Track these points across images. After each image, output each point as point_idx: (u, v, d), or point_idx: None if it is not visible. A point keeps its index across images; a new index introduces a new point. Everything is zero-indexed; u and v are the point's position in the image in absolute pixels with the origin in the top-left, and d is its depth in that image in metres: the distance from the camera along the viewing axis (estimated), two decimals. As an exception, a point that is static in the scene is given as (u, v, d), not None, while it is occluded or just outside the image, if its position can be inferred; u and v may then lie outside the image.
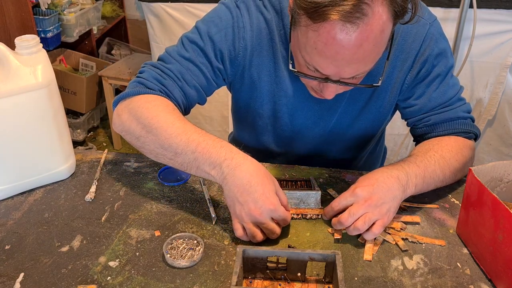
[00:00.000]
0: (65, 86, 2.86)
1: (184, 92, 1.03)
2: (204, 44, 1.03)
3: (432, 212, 0.99)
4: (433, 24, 1.03)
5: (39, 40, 0.96)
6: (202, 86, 1.05)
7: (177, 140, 0.90)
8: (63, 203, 1.01)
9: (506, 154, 2.33)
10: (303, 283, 0.82)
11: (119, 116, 0.99)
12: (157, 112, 0.94)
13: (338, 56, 0.81)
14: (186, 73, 1.02)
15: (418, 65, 1.04)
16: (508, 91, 2.19)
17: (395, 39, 1.01)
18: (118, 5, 3.43)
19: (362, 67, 0.86)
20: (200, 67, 1.03)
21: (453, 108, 1.07)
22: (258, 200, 0.84)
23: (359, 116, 1.12)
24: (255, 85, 1.09)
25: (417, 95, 1.07)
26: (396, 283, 0.82)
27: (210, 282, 0.82)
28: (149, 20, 2.30)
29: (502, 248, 0.78)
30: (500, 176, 0.91)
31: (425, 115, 1.08)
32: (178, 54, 1.04)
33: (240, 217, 0.86)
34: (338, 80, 0.88)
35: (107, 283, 0.81)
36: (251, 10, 1.03)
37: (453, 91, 1.07)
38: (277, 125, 1.16)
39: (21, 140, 0.98)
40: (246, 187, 0.84)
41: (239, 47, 1.04)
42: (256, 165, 0.88)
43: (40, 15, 2.52)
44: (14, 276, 0.83)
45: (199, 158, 0.88)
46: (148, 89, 0.99)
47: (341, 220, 0.88)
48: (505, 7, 1.99)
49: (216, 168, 0.87)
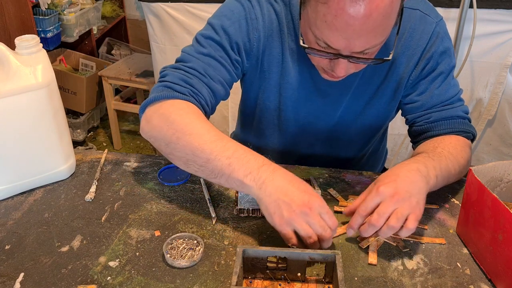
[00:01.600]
0: (65, 86, 2.86)
1: (211, 89, 1.01)
2: (220, 38, 1.02)
3: (432, 212, 0.99)
4: (439, 23, 1.05)
5: (39, 40, 0.96)
6: (226, 80, 1.04)
7: (212, 146, 0.87)
8: (63, 203, 1.01)
9: (506, 154, 2.33)
10: (303, 283, 0.82)
11: (149, 122, 0.96)
12: (190, 119, 0.92)
13: (348, 27, 0.81)
14: (209, 69, 1.01)
15: (424, 61, 1.05)
16: (508, 91, 2.19)
17: (403, 34, 1.02)
18: (118, 5, 3.43)
19: (373, 40, 0.85)
20: (221, 61, 1.02)
21: (454, 107, 1.08)
22: (305, 194, 0.81)
23: (363, 111, 1.12)
24: (264, 76, 1.09)
25: (420, 91, 1.08)
26: (396, 283, 0.82)
27: (210, 282, 0.82)
28: (149, 20, 2.30)
29: (502, 248, 0.78)
30: (500, 176, 0.91)
31: (426, 112, 1.09)
32: (197, 52, 1.02)
33: (290, 219, 0.80)
34: (349, 56, 0.87)
35: (107, 283, 0.81)
36: (262, 1, 1.04)
37: (454, 90, 1.08)
38: (282, 119, 1.16)
39: (21, 140, 0.98)
40: (289, 186, 0.81)
41: (254, 38, 1.04)
42: (291, 173, 0.85)
43: (40, 15, 2.52)
44: (14, 276, 0.83)
45: (234, 164, 0.84)
46: (176, 93, 0.96)
47: (372, 222, 0.82)
48: (505, 7, 1.99)
49: (253, 173, 0.83)
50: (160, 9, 2.24)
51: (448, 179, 0.97)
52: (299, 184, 0.82)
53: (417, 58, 1.05)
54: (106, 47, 3.37)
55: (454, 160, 0.97)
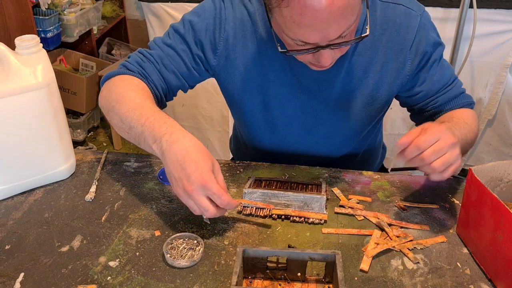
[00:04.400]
0: (65, 86, 2.86)
1: (163, 76, 1.09)
2: (185, 32, 1.08)
3: (432, 212, 0.99)
4: (423, 15, 1.07)
5: (39, 40, 0.96)
6: (182, 72, 1.10)
7: (131, 114, 0.93)
8: (63, 203, 1.01)
9: (506, 154, 2.33)
10: (303, 283, 0.82)
11: (100, 94, 1.06)
12: (125, 88, 1.01)
13: (316, 21, 0.83)
14: (165, 58, 1.08)
15: (418, 55, 1.07)
16: (508, 91, 2.19)
17: (386, 30, 1.04)
18: (118, 5, 3.43)
19: (344, 23, 0.85)
20: (180, 53, 1.08)
21: (454, 86, 1.14)
22: (190, 176, 0.82)
23: (349, 105, 1.12)
24: (243, 78, 1.11)
25: (421, 82, 1.11)
26: (396, 283, 0.82)
27: (210, 282, 0.82)
28: (149, 20, 2.31)
29: (502, 248, 0.78)
30: (500, 176, 0.91)
31: (431, 99, 1.14)
32: (162, 42, 1.10)
33: (178, 194, 0.85)
34: (328, 45, 0.89)
35: (107, 283, 0.81)
36: (235, 2, 1.07)
37: (449, 71, 1.14)
38: (270, 118, 1.16)
39: (21, 140, 0.98)
40: (181, 162, 0.83)
41: (220, 38, 1.07)
42: (194, 142, 0.86)
43: (40, 15, 2.52)
44: (14, 276, 0.83)
45: (145, 132, 0.90)
46: (128, 70, 1.07)
47: (424, 157, 0.85)
48: (505, 7, 2.00)
49: (157, 142, 0.87)
50: (160, 9, 2.24)
51: (468, 145, 1.05)
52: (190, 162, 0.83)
53: (406, 53, 1.06)
54: (106, 47, 3.37)
55: (469, 129, 1.04)
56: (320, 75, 1.06)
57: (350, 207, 0.99)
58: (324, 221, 0.95)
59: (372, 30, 1.03)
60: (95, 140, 3.06)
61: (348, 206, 0.99)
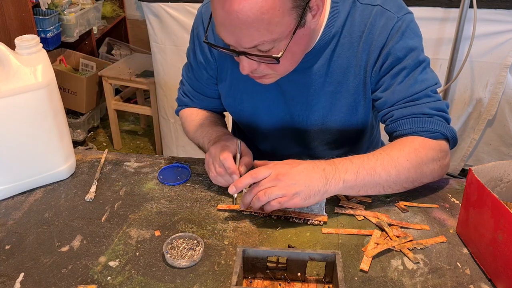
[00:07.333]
0: (65, 86, 2.86)
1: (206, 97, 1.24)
2: (191, 62, 1.20)
3: (432, 212, 0.99)
4: (402, 18, 1.01)
5: (39, 40, 0.97)
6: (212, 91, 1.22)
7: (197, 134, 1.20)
8: (63, 203, 1.01)
9: (506, 154, 2.33)
10: (303, 283, 0.82)
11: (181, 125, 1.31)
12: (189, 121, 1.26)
13: (226, 21, 0.85)
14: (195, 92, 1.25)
15: (382, 57, 1.02)
16: (508, 91, 2.19)
17: (363, 31, 1.01)
18: (118, 5, 3.43)
19: (257, 35, 0.86)
20: (201, 80, 1.20)
21: (418, 104, 1.01)
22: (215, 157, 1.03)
23: (331, 110, 1.11)
24: (231, 85, 1.15)
25: (383, 88, 1.05)
26: (396, 283, 0.82)
27: (210, 282, 0.82)
28: (149, 20, 2.30)
29: (502, 248, 0.78)
30: (500, 176, 0.91)
31: (389, 110, 1.05)
32: (186, 76, 1.26)
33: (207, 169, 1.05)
34: (243, 52, 0.90)
35: (107, 283, 0.81)
36: (206, 17, 1.11)
37: (420, 87, 1.01)
38: (259, 123, 1.18)
39: (21, 140, 0.98)
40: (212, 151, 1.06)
41: (207, 52, 1.14)
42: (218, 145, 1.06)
43: (40, 15, 2.52)
44: (14, 276, 0.83)
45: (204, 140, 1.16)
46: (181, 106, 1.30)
47: (252, 190, 0.93)
48: (505, 7, 1.99)
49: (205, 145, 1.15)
50: (160, 9, 2.23)
51: (378, 182, 0.95)
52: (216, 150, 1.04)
53: (376, 54, 1.02)
54: (106, 47, 3.37)
55: (389, 163, 0.95)
56: (299, 79, 1.06)
57: (350, 207, 0.99)
58: (324, 222, 0.95)
59: (350, 32, 1.02)
60: (95, 140, 3.06)
61: (348, 206, 0.99)
